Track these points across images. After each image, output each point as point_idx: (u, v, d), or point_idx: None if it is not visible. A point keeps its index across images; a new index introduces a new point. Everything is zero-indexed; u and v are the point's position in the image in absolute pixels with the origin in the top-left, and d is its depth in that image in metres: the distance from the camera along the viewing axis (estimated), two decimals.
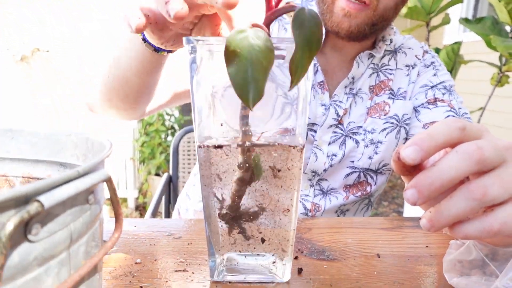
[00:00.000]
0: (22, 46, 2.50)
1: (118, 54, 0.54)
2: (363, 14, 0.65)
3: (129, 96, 0.58)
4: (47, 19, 3.17)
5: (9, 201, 0.18)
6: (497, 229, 0.29)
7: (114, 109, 0.63)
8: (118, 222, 0.28)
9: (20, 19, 3.34)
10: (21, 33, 3.55)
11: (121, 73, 0.54)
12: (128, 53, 0.51)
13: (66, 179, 0.22)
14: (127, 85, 0.56)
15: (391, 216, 1.68)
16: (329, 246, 0.45)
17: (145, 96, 0.60)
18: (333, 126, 0.73)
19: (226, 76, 0.32)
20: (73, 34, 2.93)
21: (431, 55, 0.78)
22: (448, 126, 0.30)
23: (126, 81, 0.55)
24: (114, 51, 0.55)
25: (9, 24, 4.24)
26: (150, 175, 2.68)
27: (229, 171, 0.35)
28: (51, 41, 2.83)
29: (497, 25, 1.62)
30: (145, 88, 0.57)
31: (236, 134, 0.34)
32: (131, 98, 0.59)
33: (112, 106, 0.62)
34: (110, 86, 0.58)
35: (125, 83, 0.55)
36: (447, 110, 0.70)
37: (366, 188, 0.75)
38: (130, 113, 0.64)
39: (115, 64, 0.55)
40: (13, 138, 0.39)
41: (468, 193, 0.28)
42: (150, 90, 0.59)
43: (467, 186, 0.29)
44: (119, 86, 0.57)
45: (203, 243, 0.45)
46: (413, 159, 0.29)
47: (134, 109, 0.62)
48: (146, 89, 0.57)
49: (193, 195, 0.87)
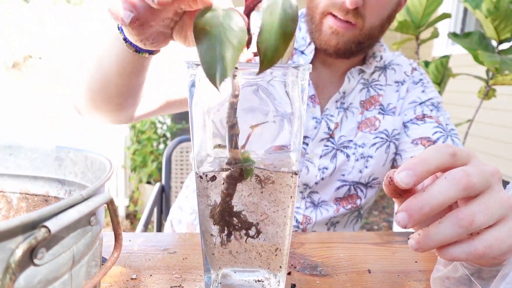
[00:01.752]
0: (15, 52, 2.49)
1: (100, 55, 0.53)
2: (350, 33, 0.67)
3: (112, 98, 0.57)
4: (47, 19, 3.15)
5: (17, 227, 0.19)
6: (482, 252, 0.30)
7: (99, 111, 0.62)
8: (118, 241, 0.28)
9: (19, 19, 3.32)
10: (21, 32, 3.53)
11: (103, 75, 0.54)
12: (110, 54, 0.51)
13: (72, 203, 0.22)
14: (110, 87, 0.55)
15: (381, 231, 1.68)
16: (322, 261, 0.46)
17: (129, 99, 0.59)
18: (324, 140, 0.74)
19: (220, 96, 0.34)
20: (73, 34, 2.92)
21: (420, 72, 0.80)
22: (440, 152, 0.32)
23: (108, 83, 0.54)
24: (97, 52, 0.54)
25: (9, 24, 4.21)
26: (141, 183, 2.67)
27: None
28: (51, 41, 2.82)
29: (484, 40, 1.66)
30: (128, 91, 0.57)
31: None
32: (115, 100, 0.58)
33: (97, 108, 0.61)
34: (93, 88, 0.57)
35: (107, 84, 0.55)
36: (435, 126, 0.72)
37: (356, 201, 0.77)
38: (115, 116, 0.63)
39: (97, 65, 0.54)
40: (11, 154, 0.40)
41: (456, 221, 0.30)
42: (134, 92, 0.58)
43: (455, 213, 0.30)
44: (102, 88, 0.56)
45: (198, 258, 0.46)
46: (406, 183, 0.30)
47: (119, 112, 0.62)
48: (129, 91, 0.57)
49: (186, 207, 0.87)
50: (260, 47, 0.27)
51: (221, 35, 0.27)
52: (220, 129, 0.36)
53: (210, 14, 0.28)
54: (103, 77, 0.54)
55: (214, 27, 0.27)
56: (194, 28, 0.28)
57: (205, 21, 0.27)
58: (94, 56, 0.54)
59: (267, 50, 0.27)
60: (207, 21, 0.27)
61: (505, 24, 1.51)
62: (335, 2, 0.66)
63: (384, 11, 0.68)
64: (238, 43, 0.27)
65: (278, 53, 0.27)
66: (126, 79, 0.53)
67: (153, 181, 2.66)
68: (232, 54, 0.27)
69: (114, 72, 0.52)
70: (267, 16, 0.27)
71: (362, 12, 0.66)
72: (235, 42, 0.27)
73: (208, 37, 0.27)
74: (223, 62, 0.27)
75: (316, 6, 0.69)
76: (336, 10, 0.66)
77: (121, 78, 0.53)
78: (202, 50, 0.27)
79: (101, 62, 0.53)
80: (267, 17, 0.27)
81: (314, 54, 0.75)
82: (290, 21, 0.27)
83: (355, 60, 0.76)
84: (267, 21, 0.27)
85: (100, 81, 0.55)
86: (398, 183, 0.31)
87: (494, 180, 0.32)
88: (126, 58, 0.49)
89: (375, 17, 0.68)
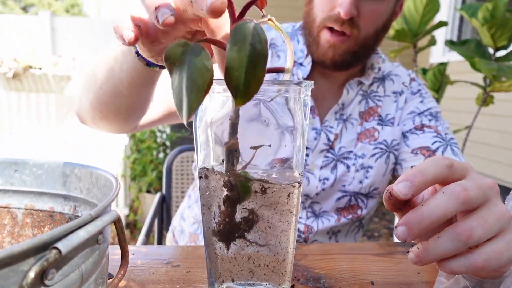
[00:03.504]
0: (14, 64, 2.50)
1: (111, 66, 0.53)
2: (345, 44, 0.69)
3: (120, 109, 0.58)
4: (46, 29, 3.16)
5: (29, 250, 0.20)
6: (481, 265, 0.31)
7: (105, 121, 0.62)
8: (125, 259, 0.29)
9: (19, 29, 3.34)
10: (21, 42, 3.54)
11: (113, 86, 0.54)
12: (120, 65, 0.51)
13: (81, 223, 0.23)
14: (119, 98, 0.55)
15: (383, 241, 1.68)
16: (325, 273, 0.46)
17: (137, 111, 0.60)
18: (324, 151, 0.75)
19: (222, 111, 0.34)
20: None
21: (418, 82, 0.81)
22: (437, 164, 0.32)
23: (118, 94, 0.55)
24: (107, 64, 0.54)
25: (9, 24, 4.21)
26: (141, 192, 2.67)
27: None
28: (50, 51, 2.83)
29: (481, 47, 1.68)
30: (137, 103, 0.57)
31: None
32: (122, 112, 0.59)
33: (103, 118, 0.62)
34: (101, 98, 0.57)
35: (116, 96, 0.55)
36: (434, 136, 0.73)
37: (357, 211, 0.77)
38: (121, 126, 0.64)
39: (107, 76, 0.54)
40: (16, 171, 0.40)
41: (454, 235, 0.30)
42: (142, 105, 0.59)
43: (454, 228, 0.31)
44: (111, 99, 0.56)
45: (201, 272, 0.46)
46: (405, 194, 0.31)
47: (125, 123, 0.62)
48: (138, 103, 0.57)
49: (188, 217, 0.88)
50: (229, 86, 0.27)
51: (187, 74, 0.27)
52: (222, 142, 0.36)
53: (179, 49, 0.27)
54: (112, 89, 0.54)
55: (181, 63, 0.27)
56: (165, 61, 0.27)
57: (173, 55, 0.27)
58: (104, 68, 0.54)
59: (238, 88, 0.27)
60: (175, 56, 0.27)
61: (501, 31, 1.53)
62: (331, 15, 0.67)
63: (378, 21, 0.70)
64: (203, 82, 0.27)
65: (250, 90, 0.27)
66: (135, 91, 0.53)
67: (153, 190, 2.66)
68: (196, 95, 0.26)
69: (124, 85, 0.52)
70: (234, 54, 0.26)
71: (357, 22, 0.67)
72: (199, 82, 0.27)
73: (177, 72, 0.27)
74: (188, 101, 0.26)
75: (313, 20, 0.70)
76: (332, 22, 0.67)
77: (131, 90, 0.53)
78: (173, 83, 0.27)
79: (112, 74, 0.53)
80: (234, 55, 0.26)
81: (312, 66, 0.76)
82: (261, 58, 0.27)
83: (353, 71, 0.77)
84: (235, 59, 0.26)
85: (109, 93, 0.55)
86: (396, 194, 0.31)
87: (492, 193, 0.32)
88: (137, 71, 0.49)
89: (369, 27, 0.69)
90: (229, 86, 0.27)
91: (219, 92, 0.35)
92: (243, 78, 0.26)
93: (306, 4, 0.73)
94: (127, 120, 0.61)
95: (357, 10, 0.66)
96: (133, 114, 0.60)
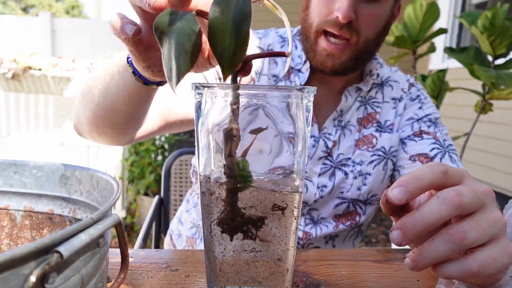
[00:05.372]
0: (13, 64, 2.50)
1: (107, 83, 0.53)
2: (346, 52, 0.68)
3: (116, 124, 0.58)
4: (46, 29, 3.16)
5: (31, 253, 0.19)
6: (476, 270, 0.31)
7: (102, 135, 0.63)
8: (125, 263, 0.29)
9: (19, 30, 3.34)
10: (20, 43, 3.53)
11: (110, 102, 0.54)
12: (117, 83, 0.51)
13: (83, 227, 0.23)
14: (115, 114, 0.56)
15: (382, 247, 1.67)
16: (324, 279, 0.46)
17: (133, 125, 0.60)
18: (322, 158, 0.75)
19: (224, 113, 0.34)
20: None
21: (417, 88, 0.81)
22: (432, 170, 0.33)
23: (114, 110, 0.55)
24: (104, 80, 0.54)
25: (10, 25, 4.20)
26: (139, 195, 2.66)
27: None
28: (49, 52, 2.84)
29: (480, 54, 1.69)
30: (133, 118, 0.57)
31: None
32: (118, 126, 0.59)
33: (100, 133, 0.62)
34: (98, 114, 0.57)
35: (113, 112, 0.55)
36: (432, 142, 0.73)
37: (355, 218, 0.77)
38: (118, 140, 0.64)
39: (103, 93, 0.54)
40: (16, 172, 0.40)
41: (448, 237, 0.31)
42: (139, 119, 0.59)
43: (447, 230, 0.31)
44: (107, 114, 0.56)
45: (200, 276, 0.46)
46: (399, 199, 0.32)
47: (122, 136, 0.63)
48: (134, 119, 0.58)
49: (186, 221, 0.87)
50: (215, 51, 0.27)
51: (175, 39, 0.27)
52: (221, 147, 0.36)
53: (167, 17, 0.28)
54: (109, 105, 0.55)
55: (169, 31, 0.27)
56: (154, 30, 0.28)
57: (162, 24, 0.27)
58: (101, 85, 0.54)
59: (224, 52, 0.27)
60: (164, 24, 0.27)
61: (500, 39, 1.54)
62: (328, 19, 0.66)
63: (378, 24, 0.69)
64: (191, 46, 0.27)
65: (237, 54, 0.27)
66: (132, 107, 0.54)
67: (151, 193, 2.65)
68: (184, 58, 0.26)
69: (121, 101, 0.53)
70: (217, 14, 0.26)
71: (356, 26, 0.66)
72: (187, 47, 0.27)
73: (166, 40, 0.27)
74: (177, 65, 0.27)
75: (310, 25, 0.69)
76: (329, 26, 0.66)
77: (127, 106, 0.53)
78: (163, 54, 0.28)
79: (108, 91, 0.53)
80: (218, 15, 0.26)
81: (311, 72, 0.75)
82: (245, 18, 0.26)
83: (352, 77, 0.76)
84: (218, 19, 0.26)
85: (105, 109, 0.56)
86: (391, 199, 0.32)
87: (488, 199, 0.33)
88: (133, 89, 0.49)
89: (370, 30, 0.68)
90: (215, 52, 0.26)
91: (222, 97, 0.35)
92: (228, 40, 0.26)
93: (302, 10, 0.73)
94: (124, 133, 0.62)
95: (355, 13, 0.65)
96: (129, 128, 0.60)
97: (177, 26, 0.27)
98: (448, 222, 0.34)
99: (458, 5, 3.30)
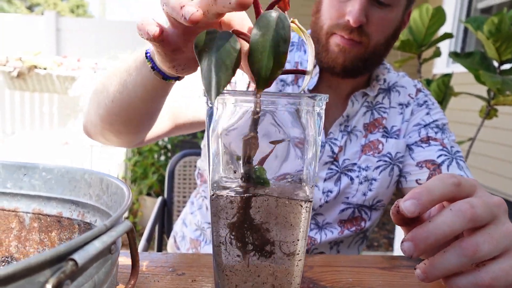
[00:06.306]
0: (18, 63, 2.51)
1: (124, 79, 0.54)
2: (356, 49, 0.68)
3: (131, 121, 0.58)
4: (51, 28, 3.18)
5: (46, 261, 0.19)
6: (488, 283, 0.31)
7: (113, 133, 0.62)
8: (135, 269, 0.29)
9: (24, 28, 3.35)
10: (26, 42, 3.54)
11: (126, 98, 0.54)
12: (134, 79, 0.52)
13: (96, 234, 0.23)
14: (131, 109, 0.56)
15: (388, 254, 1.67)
16: (331, 286, 0.46)
17: (148, 122, 0.60)
18: (328, 163, 0.74)
19: (233, 119, 0.34)
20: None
21: (424, 93, 0.80)
22: (444, 182, 0.32)
23: (130, 105, 0.55)
24: (120, 76, 0.55)
25: (15, 24, 4.22)
26: (142, 195, 2.66)
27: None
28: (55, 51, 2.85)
29: (485, 60, 1.68)
30: (148, 114, 0.58)
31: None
32: (133, 123, 0.59)
33: (112, 130, 0.62)
34: (113, 111, 0.58)
35: (128, 108, 0.56)
36: (440, 149, 0.72)
37: (360, 223, 0.77)
38: (130, 139, 0.64)
39: (119, 89, 0.55)
40: (25, 175, 0.40)
41: (460, 250, 0.30)
42: (153, 115, 0.59)
43: (459, 243, 0.31)
44: (122, 110, 0.57)
45: (207, 281, 0.46)
46: (411, 212, 0.31)
47: (134, 135, 0.63)
48: (149, 115, 0.58)
49: (190, 223, 0.87)
50: (252, 68, 0.29)
51: (216, 56, 0.29)
52: (231, 152, 0.36)
53: (207, 36, 0.30)
54: (125, 100, 0.55)
55: (210, 48, 0.30)
56: (195, 49, 0.30)
57: (203, 43, 0.30)
58: (116, 82, 0.55)
59: (260, 71, 0.29)
60: (205, 43, 0.30)
61: (506, 45, 1.53)
62: (339, 23, 0.67)
63: (388, 29, 0.69)
64: (231, 62, 0.29)
65: (272, 73, 0.30)
66: (148, 103, 0.54)
67: (154, 193, 2.65)
68: (225, 73, 0.29)
69: (138, 96, 0.53)
70: (259, 38, 0.29)
71: (367, 30, 0.66)
72: (227, 62, 0.29)
73: (206, 57, 0.30)
74: (217, 81, 0.29)
75: (321, 27, 0.70)
76: (340, 30, 0.67)
77: (144, 102, 0.54)
78: (202, 69, 0.30)
79: (124, 88, 0.54)
80: (259, 38, 0.29)
81: (319, 77, 0.75)
82: (283, 42, 0.29)
83: (359, 81, 0.76)
84: (259, 42, 0.29)
85: (120, 105, 0.56)
86: (403, 211, 0.31)
87: (500, 211, 0.33)
88: (151, 84, 0.50)
89: (380, 35, 0.68)
90: (252, 69, 0.29)
91: (232, 103, 0.35)
92: (265, 60, 0.29)
93: (313, 14, 0.73)
94: (137, 131, 0.62)
95: (366, 17, 0.65)
96: (143, 124, 0.60)
97: (218, 44, 0.30)
98: (459, 234, 0.34)
99: (464, 9, 3.30)
